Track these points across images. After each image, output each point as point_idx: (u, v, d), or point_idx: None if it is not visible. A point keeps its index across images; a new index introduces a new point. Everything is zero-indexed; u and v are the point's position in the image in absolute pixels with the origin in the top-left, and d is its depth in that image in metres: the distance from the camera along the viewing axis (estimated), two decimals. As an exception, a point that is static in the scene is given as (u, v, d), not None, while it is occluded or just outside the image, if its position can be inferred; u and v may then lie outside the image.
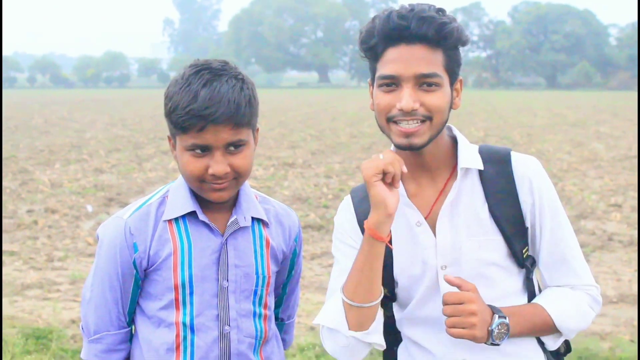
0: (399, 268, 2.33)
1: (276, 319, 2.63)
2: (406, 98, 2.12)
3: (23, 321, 6.46)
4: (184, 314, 2.31)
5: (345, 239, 2.41)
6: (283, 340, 2.66)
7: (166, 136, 2.37)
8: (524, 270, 2.30)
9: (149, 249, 2.30)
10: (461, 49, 2.24)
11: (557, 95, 62.69)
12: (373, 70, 2.23)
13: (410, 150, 2.20)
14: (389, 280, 2.36)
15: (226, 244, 2.34)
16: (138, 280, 2.33)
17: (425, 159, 2.26)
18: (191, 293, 2.31)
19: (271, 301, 2.48)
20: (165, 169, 16.21)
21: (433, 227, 2.27)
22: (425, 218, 2.28)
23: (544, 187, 2.27)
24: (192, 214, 2.32)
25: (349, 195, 2.48)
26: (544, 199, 2.26)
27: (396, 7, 2.19)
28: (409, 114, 2.13)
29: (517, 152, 2.31)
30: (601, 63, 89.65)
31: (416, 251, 2.29)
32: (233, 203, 2.38)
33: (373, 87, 2.25)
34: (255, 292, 2.39)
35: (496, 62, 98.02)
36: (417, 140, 2.16)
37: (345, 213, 2.44)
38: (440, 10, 2.16)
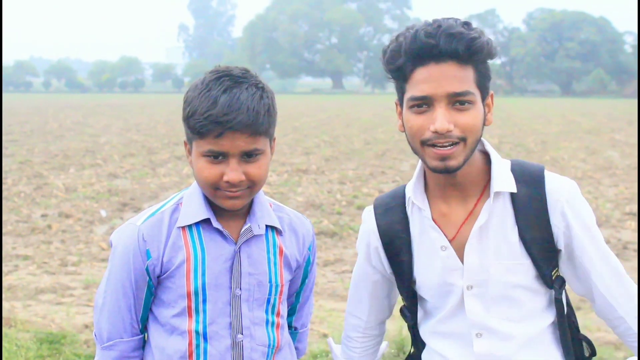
0: (424, 286, 2.33)
1: (289, 327, 2.62)
2: (440, 119, 2.06)
3: (36, 325, 6.47)
4: (197, 322, 2.30)
5: (366, 256, 2.43)
6: (296, 349, 2.65)
7: (181, 141, 2.38)
8: (551, 290, 2.26)
9: (162, 256, 2.29)
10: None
11: (571, 103, 62.46)
12: (401, 91, 2.18)
13: (445, 173, 2.16)
14: (408, 291, 2.37)
15: (239, 251, 2.33)
16: (151, 287, 2.33)
17: (457, 178, 2.22)
18: (204, 301, 2.30)
19: (284, 309, 2.47)
20: (179, 175, 16.24)
21: (460, 248, 2.24)
22: (453, 239, 2.25)
23: (578, 211, 2.21)
24: (206, 221, 2.31)
25: (372, 206, 2.45)
26: (578, 224, 2.20)
27: (420, 24, 2.13)
28: (443, 135, 2.07)
29: (551, 173, 2.25)
30: (616, 70, 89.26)
31: (442, 273, 2.28)
32: (247, 211, 2.37)
33: (401, 108, 2.21)
34: (269, 301, 2.38)
35: (511, 69, 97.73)
36: (453, 163, 2.11)
37: (367, 228, 2.43)
38: (466, 24, 2.11)
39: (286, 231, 2.45)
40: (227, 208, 2.28)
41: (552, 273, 2.23)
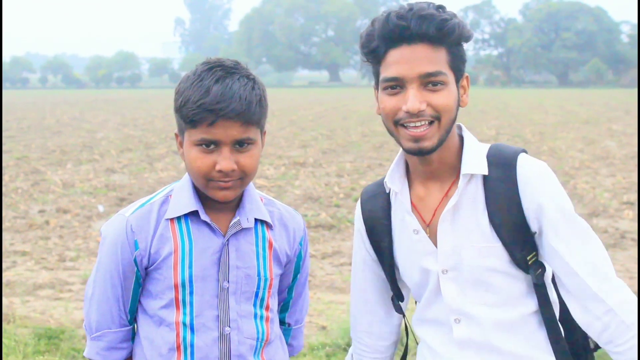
0: (404, 273, 2.37)
1: (283, 323, 2.63)
2: (412, 99, 2.08)
3: (35, 321, 6.47)
4: (184, 314, 2.31)
5: (356, 238, 2.48)
6: (291, 345, 2.65)
7: (175, 135, 2.37)
8: (529, 275, 2.21)
9: (150, 247, 2.30)
10: (471, 47, 2.19)
11: (568, 93, 62.49)
12: (377, 74, 2.20)
13: (420, 155, 2.17)
14: (392, 278, 2.41)
15: (227, 244, 2.33)
16: (139, 278, 2.34)
17: (433, 165, 2.23)
18: (191, 293, 2.30)
19: (274, 303, 2.47)
20: (176, 169, 16.23)
21: (436, 232, 2.24)
22: (429, 222, 2.26)
23: (548, 192, 2.16)
24: (195, 213, 2.32)
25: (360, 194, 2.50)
26: (549, 204, 2.15)
27: (396, 7, 2.14)
28: (416, 115, 2.09)
29: (526, 156, 2.22)
30: (613, 60, 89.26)
31: (416, 258, 2.29)
32: (237, 204, 2.37)
33: (378, 91, 2.22)
34: (257, 294, 2.38)
35: (507, 60, 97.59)
36: (427, 144, 2.12)
37: (356, 214, 2.48)
38: (440, 7, 2.12)
39: (276, 225, 2.45)
40: (219, 199, 2.28)
41: (528, 258, 2.19)
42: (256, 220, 2.39)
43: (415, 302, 2.46)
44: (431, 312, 2.32)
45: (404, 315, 2.50)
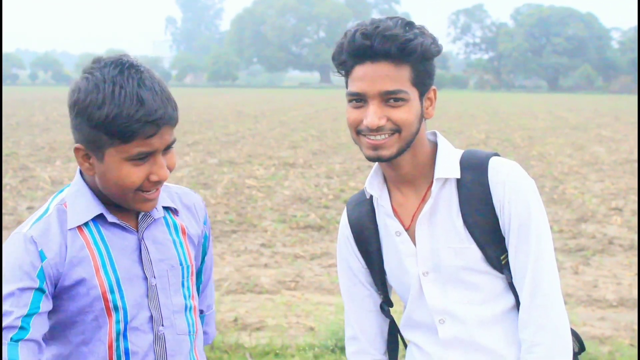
0: (390, 276, 2.41)
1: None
2: (371, 116, 2.15)
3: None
4: (117, 322, 2.14)
5: (342, 252, 2.53)
6: (206, 333, 2.55)
7: (75, 148, 2.14)
8: (503, 275, 2.27)
9: (65, 257, 2.09)
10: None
11: (558, 98, 62.65)
12: (346, 85, 2.27)
13: (378, 162, 2.25)
14: (382, 285, 2.45)
15: (143, 239, 2.21)
16: (43, 294, 2.05)
17: (403, 170, 2.29)
18: (122, 297, 2.14)
19: (195, 291, 2.36)
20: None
21: (414, 236, 2.30)
22: (408, 227, 2.32)
23: (516, 194, 2.21)
24: (99, 217, 2.16)
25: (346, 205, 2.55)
26: (513, 205, 2.21)
27: (362, 24, 2.20)
28: (375, 130, 2.16)
29: (497, 158, 2.28)
30: (603, 66, 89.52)
31: (400, 260, 2.34)
32: None
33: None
34: (183, 284, 2.27)
35: (498, 64, 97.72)
36: (385, 152, 2.19)
37: (342, 223, 2.54)
38: (408, 25, 2.17)
39: (180, 209, 2.35)
40: (146, 210, 2.16)
41: (501, 257, 2.25)
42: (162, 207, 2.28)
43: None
44: (416, 315, 2.36)
45: (392, 320, 2.52)
